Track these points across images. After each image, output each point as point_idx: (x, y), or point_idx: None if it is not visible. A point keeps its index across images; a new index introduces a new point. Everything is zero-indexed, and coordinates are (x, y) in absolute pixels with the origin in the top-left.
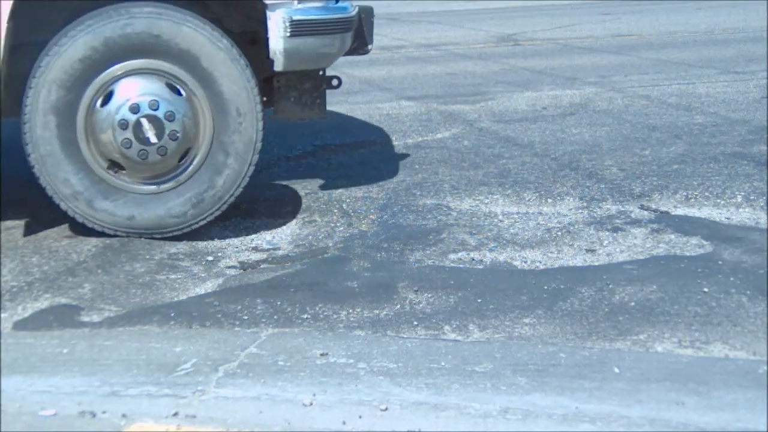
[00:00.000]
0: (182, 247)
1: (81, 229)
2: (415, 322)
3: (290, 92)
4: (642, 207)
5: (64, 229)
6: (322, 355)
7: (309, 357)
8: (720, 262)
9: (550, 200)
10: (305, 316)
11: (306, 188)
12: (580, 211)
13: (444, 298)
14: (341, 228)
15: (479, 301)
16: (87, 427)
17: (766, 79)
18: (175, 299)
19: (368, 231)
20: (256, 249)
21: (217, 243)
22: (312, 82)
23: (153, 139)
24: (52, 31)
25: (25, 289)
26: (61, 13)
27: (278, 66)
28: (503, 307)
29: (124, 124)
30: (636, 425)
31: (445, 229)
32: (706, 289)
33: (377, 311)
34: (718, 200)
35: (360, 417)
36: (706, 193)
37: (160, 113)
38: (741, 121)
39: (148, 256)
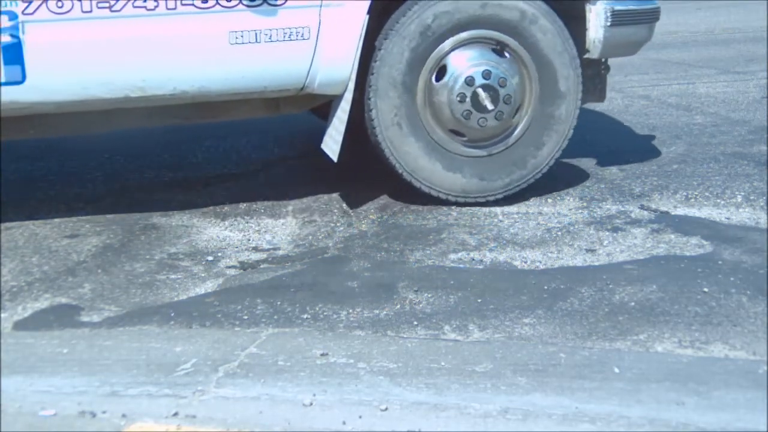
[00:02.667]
0: (182, 247)
1: (81, 229)
2: (415, 322)
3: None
4: (642, 207)
5: (64, 229)
6: (322, 355)
7: (309, 357)
8: (720, 262)
9: (550, 200)
10: (305, 316)
11: (306, 188)
12: (580, 211)
13: (444, 298)
14: (341, 228)
15: (479, 301)
16: (87, 427)
17: (766, 79)
18: (175, 299)
19: (368, 231)
20: (256, 249)
21: (217, 243)
22: (594, 69)
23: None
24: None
25: (25, 289)
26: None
27: (594, 54)
28: (503, 307)
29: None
30: (636, 425)
31: (445, 229)
32: (706, 289)
33: (377, 311)
34: (718, 200)
35: (360, 417)
36: (706, 193)
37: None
38: (741, 121)
39: (148, 256)
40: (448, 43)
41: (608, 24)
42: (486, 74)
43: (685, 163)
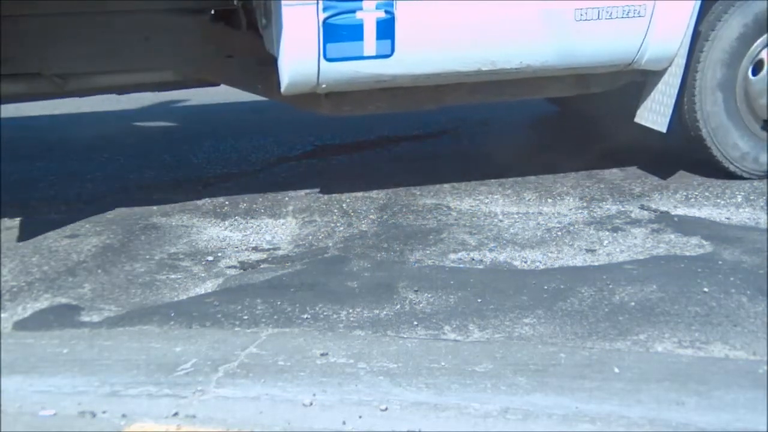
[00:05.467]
0: (182, 247)
1: (81, 229)
2: (415, 322)
3: None
4: (642, 207)
5: (64, 229)
6: (322, 355)
7: (309, 357)
8: (720, 262)
9: (550, 200)
10: (305, 316)
11: (306, 188)
12: (580, 211)
13: (444, 298)
14: (341, 228)
15: (479, 301)
16: (87, 427)
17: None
18: (175, 299)
19: (368, 231)
20: (256, 249)
21: (217, 243)
22: None
23: None
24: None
25: (25, 289)
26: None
27: None
28: (503, 307)
29: None
30: (636, 425)
31: (445, 229)
32: (706, 289)
33: (377, 311)
34: (718, 200)
35: (360, 417)
36: (706, 193)
37: None
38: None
39: (148, 256)
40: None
41: None
42: None
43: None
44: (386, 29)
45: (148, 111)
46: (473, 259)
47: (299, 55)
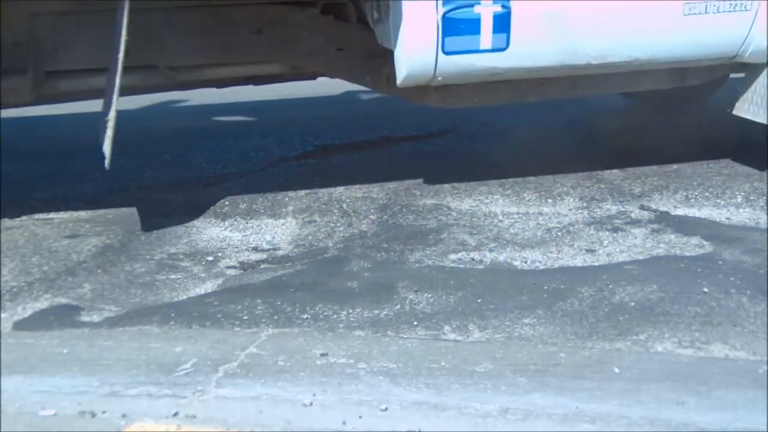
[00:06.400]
0: (182, 247)
1: (81, 229)
2: (415, 322)
3: None
4: (642, 207)
5: (64, 229)
6: (322, 355)
7: (309, 357)
8: (720, 262)
9: (550, 200)
10: (305, 316)
11: (306, 188)
12: (580, 211)
13: (444, 298)
14: (341, 228)
15: (479, 301)
16: (87, 427)
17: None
18: (175, 299)
19: (368, 231)
20: (256, 249)
21: (217, 243)
22: None
23: None
24: None
25: (25, 289)
26: None
27: None
28: (503, 307)
29: None
30: (636, 425)
31: (445, 229)
32: (706, 289)
33: (377, 311)
34: (718, 200)
35: (360, 417)
36: (706, 193)
37: None
38: (741, 121)
39: (148, 256)
40: None
41: None
42: None
43: (685, 162)
44: (502, 23)
45: (148, 111)
46: (473, 259)
47: (418, 49)
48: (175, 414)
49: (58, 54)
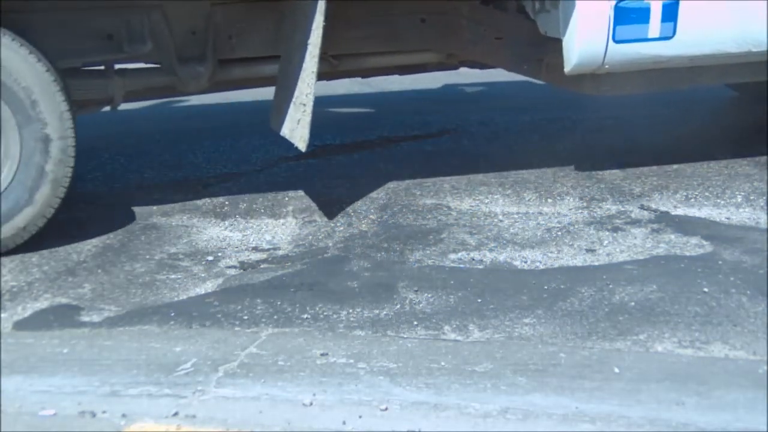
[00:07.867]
0: (182, 247)
1: (81, 230)
2: (415, 322)
3: None
4: (642, 207)
5: (64, 229)
6: (322, 355)
7: (309, 357)
8: (720, 262)
9: (550, 200)
10: (305, 316)
11: (306, 188)
12: (580, 211)
13: (444, 298)
14: (341, 228)
15: (479, 301)
16: (87, 427)
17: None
18: (175, 299)
19: (368, 231)
20: (256, 249)
21: (217, 243)
22: None
23: None
24: None
25: (25, 289)
26: None
27: None
28: (503, 307)
29: None
30: (636, 425)
31: (445, 229)
32: (706, 289)
33: (377, 311)
34: (718, 200)
35: (360, 417)
36: (706, 193)
37: None
38: (742, 121)
39: (148, 256)
40: None
41: None
42: None
43: (685, 163)
44: (670, 12)
45: (148, 111)
46: (473, 259)
47: (590, 38)
48: (175, 414)
49: (232, 43)
